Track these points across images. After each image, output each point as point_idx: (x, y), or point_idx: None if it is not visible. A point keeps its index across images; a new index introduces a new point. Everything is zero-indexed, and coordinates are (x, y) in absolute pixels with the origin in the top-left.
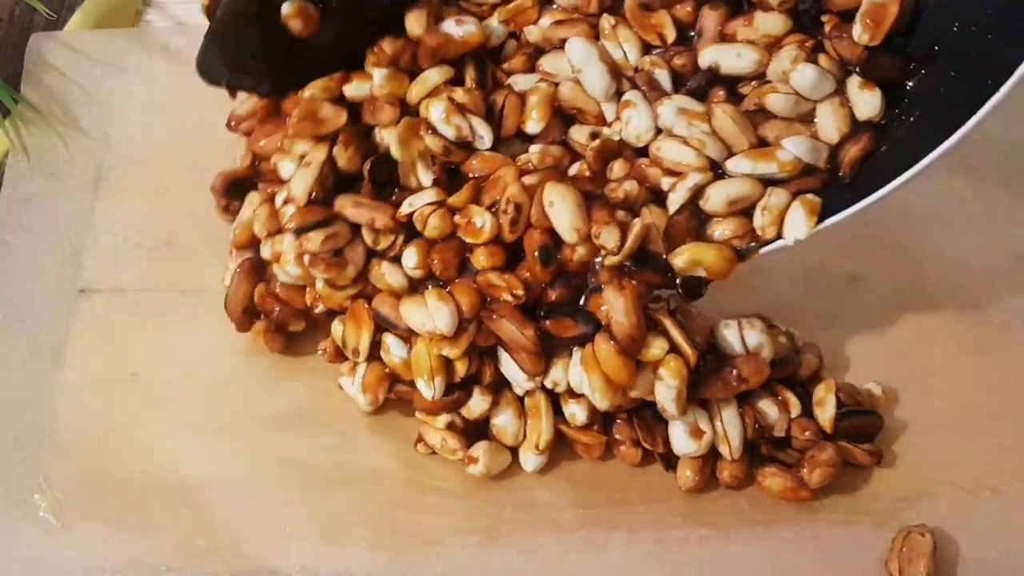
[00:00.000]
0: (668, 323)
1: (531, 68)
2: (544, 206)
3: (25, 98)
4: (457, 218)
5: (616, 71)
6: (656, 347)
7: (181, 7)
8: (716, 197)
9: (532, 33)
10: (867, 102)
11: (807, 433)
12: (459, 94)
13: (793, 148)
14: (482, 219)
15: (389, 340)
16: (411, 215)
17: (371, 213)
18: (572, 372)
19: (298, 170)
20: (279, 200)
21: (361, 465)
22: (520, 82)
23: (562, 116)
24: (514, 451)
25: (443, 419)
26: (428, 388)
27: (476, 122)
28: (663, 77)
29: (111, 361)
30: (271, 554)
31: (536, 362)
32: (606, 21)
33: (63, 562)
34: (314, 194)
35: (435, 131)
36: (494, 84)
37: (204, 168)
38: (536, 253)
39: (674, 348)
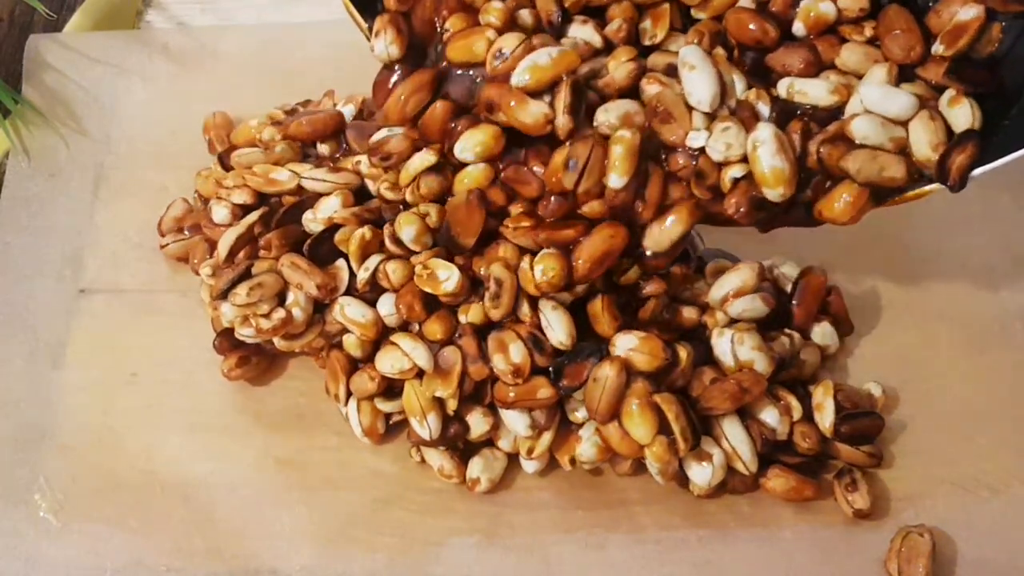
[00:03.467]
0: (671, 414)
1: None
2: (540, 318)
3: (25, 98)
4: (418, 269)
5: (723, 90)
6: (644, 430)
7: (181, 7)
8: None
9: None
10: (961, 114)
11: (808, 441)
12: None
13: None
14: (447, 272)
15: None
16: (371, 278)
17: (300, 278)
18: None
19: (228, 229)
20: (205, 269)
21: (361, 465)
22: (612, 112)
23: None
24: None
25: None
26: (423, 428)
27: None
28: (764, 111)
29: (111, 361)
30: (271, 554)
31: (552, 414)
32: (720, 49)
33: (63, 562)
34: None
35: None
36: None
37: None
38: (528, 353)
39: (665, 430)
